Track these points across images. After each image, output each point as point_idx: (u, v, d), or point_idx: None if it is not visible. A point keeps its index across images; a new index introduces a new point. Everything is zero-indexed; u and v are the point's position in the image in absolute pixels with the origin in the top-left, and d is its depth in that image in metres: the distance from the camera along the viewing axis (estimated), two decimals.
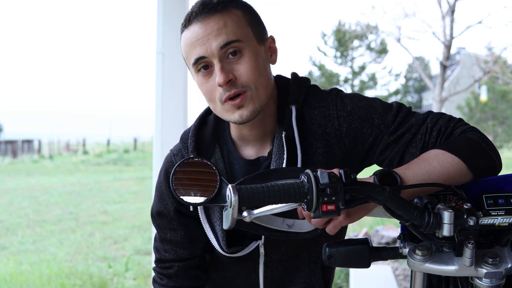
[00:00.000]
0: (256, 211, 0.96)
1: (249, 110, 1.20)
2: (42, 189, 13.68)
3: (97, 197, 12.16)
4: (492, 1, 18.03)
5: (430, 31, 16.66)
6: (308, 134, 1.27)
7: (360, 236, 5.91)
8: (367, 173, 1.13)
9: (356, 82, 36.54)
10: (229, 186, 0.92)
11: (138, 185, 14.28)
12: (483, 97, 26.38)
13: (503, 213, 0.99)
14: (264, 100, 1.23)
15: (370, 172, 1.10)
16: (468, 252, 0.96)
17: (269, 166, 1.28)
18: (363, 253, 1.05)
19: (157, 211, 1.38)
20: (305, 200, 0.92)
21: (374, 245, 1.05)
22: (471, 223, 0.94)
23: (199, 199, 1.01)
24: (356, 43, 35.75)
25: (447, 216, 0.94)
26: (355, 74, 36.46)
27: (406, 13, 16.56)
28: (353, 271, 4.56)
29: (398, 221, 1.00)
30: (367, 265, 1.05)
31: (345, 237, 1.43)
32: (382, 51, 36.63)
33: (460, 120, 1.22)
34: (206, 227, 1.31)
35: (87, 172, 18.90)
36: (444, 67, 15.90)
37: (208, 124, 1.35)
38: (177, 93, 3.11)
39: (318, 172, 0.92)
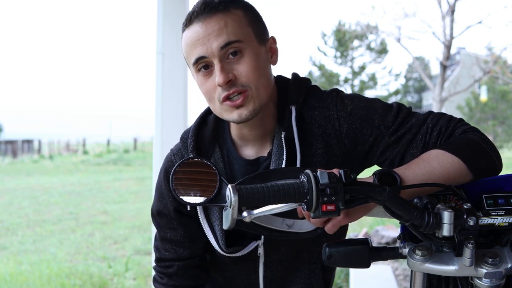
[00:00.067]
0: (256, 211, 0.96)
1: (249, 110, 1.20)
2: (42, 189, 13.68)
3: (97, 197, 12.16)
4: (492, 1, 18.03)
5: (430, 31, 16.67)
6: (308, 135, 1.27)
7: (360, 236, 5.91)
8: (368, 174, 1.13)
9: (356, 82, 36.54)
10: (229, 186, 0.92)
11: (138, 185, 14.28)
12: (483, 97, 26.37)
13: (503, 213, 0.99)
14: (264, 100, 1.23)
15: (371, 173, 1.10)
16: (468, 252, 0.96)
17: (269, 166, 1.28)
18: (363, 253, 1.05)
19: (157, 210, 1.38)
20: (305, 200, 0.92)
21: (374, 245, 1.05)
22: (471, 223, 0.94)
23: (199, 199, 1.01)
24: (356, 43, 35.75)
25: (447, 216, 0.94)
26: (355, 74, 36.45)
27: (406, 13, 16.57)
28: (353, 271, 4.56)
29: (398, 221, 1.00)
30: (367, 265, 1.05)
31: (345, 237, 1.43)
32: (382, 51, 36.63)
33: (461, 120, 1.22)
34: (205, 227, 1.31)
35: (87, 172, 18.90)
36: (444, 67, 15.89)
37: (208, 124, 1.35)
38: (177, 93, 3.11)
39: (318, 172, 0.92)
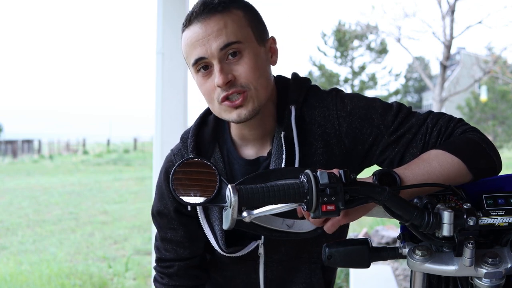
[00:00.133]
0: (256, 211, 0.96)
1: (248, 110, 1.20)
2: (42, 189, 13.68)
3: (97, 197, 12.16)
4: (492, 1, 18.02)
5: (430, 31, 16.65)
6: (308, 134, 1.27)
7: (360, 236, 5.91)
8: (368, 173, 1.13)
9: (356, 82, 36.53)
10: (229, 186, 0.92)
11: (138, 185, 14.27)
12: (483, 97, 26.36)
13: (503, 213, 0.99)
14: (264, 101, 1.23)
15: (371, 173, 1.10)
16: (468, 252, 0.96)
17: (269, 166, 1.28)
18: (363, 253, 1.05)
19: (157, 211, 1.38)
20: (305, 200, 0.92)
21: (374, 245, 1.05)
22: (471, 223, 0.94)
23: (199, 199, 1.01)
24: (356, 43, 35.74)
25: (447, 216, 0.94)
26: (355, 74, 36.45)
27: (406, 13, 16.55)
28: (353, 271, 4.56)
29: (398, 221, 1.00)
30: (367, 265, 1.05)
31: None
32: (382, 51, 36.62)
33: (461, 120, 1.22)
34: (205, 227, 1.31)
35: (87, 172, 18.89)
36: (444, 67, 15.89)
37: (208, 124, 1.35)
38: (177, 93, 3.11)
39: (318, 172, 0.92)
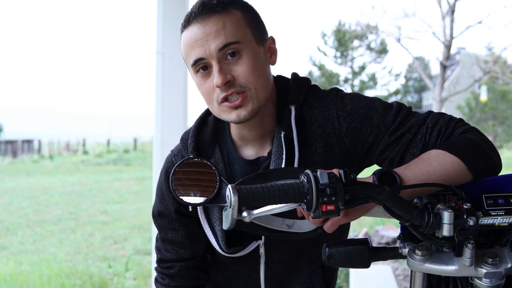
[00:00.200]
0: (256, 211, 0.96)
1: (247, 110, 1.20)
2: (42, 189, 13.68)
3: (97, 197, 12.16)
4: (492, 1, 18.02)
5: (430, 31, 16.64)
6: (308, 134, 1.27)
7: (360, 236, 5.91)
8: (368, 173, 1.13)
9: (356, 82, 36.52)
10: (229, 186, 0.92)
11: (138, 185, 14.28)
12: (483, 97, 26.36)
13: (503, 213, 0.99)
14: (263, 101, 1.23)
15: (371, 172, 1.10)
16: (468, 252, 0.96)
17: (269, 166, 1.28)
18: (363, 253, 1.05)
19: (158, 212, 1.38)
20: (305, 200, 0.92)
21: (374, 245, 1.05)
22: (471, 223, 0.94)
23: (199, 199, 1.01)
24: (356, 43, 35.73)
25: (447, 216, 0.94)
26: (355, 74, 36.44)
27: (406, 13, 16.55)
28: (353, 271, 4.56)
29: (398, 221, 1.00)
30: (367, 265, 1.05)
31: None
32: (382, 51, 36.61)
33: (461, 120, 1.22)
34: (206, 227, 1.31)
35: (87, 172, 18.89)
36: (444, 67, 15.88)
37: (208, 125, 1.35)
38: (177, 93, 3.11)
39: (318, 172, 0.92)
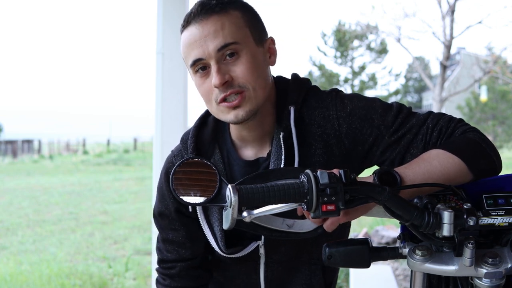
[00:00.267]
0: (256, 211, 0.96)
1: (245, 111, 1.19)
2: (42, 189, 13.68)
3: (97, 197, 12.16)
4: (492, 1, 18.03)
5: (430, 31, 16.66)
6: (307, 135, 1.26)
7: (360, 236, 5.91)
8: (369, 173, 1.13)
9: (356, 82, 36.52)
10: (229, 186, 0.92)
11: (138, 185, 14.27)
12: (483, 97, 26.36)
13: (503, 213, 0.99)
14: (261, 101, 1.22)
15: (372, 173, 1.10)
16: (468, 252, 0.96)
17: (268, 167, 1.28)
18: (363, 253, 1.05)
19: (159, 212, 1.38)
20: (305, 200, 0.92)
21: (374, 245, 1.05)
22: (471, 223, 0.94)
23: (199, 199, 1.01)
24: (356, 43, 35.73)
25: (447, 216, 0.94)
26: (355, 74, 36.43)
27: (406, 13, 16.56)
28: (353, 271, 4.56)
29: (398, 221, 1.00)
30: (367, 265, 1.05)
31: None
32: (382, 51, 36.60)
33: (461, 121, 1.22)
34: (205, 228, 1.31)
35: (87, 172, 18.89)
36: (444, 67, 15.89)
37: (208, 125, 1.35)
38: (177, 93, 3.11)
39: (318, 172, 0.92)
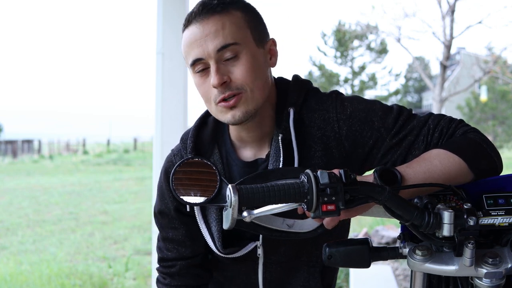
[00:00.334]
0: (256, 211, 0.96)
1: (242, 112, 1.19)
2: (42, 189, 13.68)
3: (97, 197, 12.15)
4: (492, 1, 18.05)
5: (430, 31, 16.69)
6: (307, 137, 1.26)
7: (360, 236, 5.91)
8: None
9: (356, 82, 36.50)
10: (229, 186, 0.92)
11: (138, 185, 14.27)
12: (483, 97, 26.37)
13: (503, 213, 0.99)
14: (260, 103, 1.22)
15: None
16: (468, 252, 0.96)
17: (267, 168, 1.28)
18: (363, 253, 1.05)
19: (159, 210, 1.39)
20: (305, 200, 0.92)
21: (374, 245, 1.05)
22: (471, 223, 0.94)
23: (199, 199, 1.01)
24: (356, 43, 35.70)
25: (447, 216, 0.94)
26: (355, 74, 36.41)
27: (406, 13, 16.58)
28: (353, 271, 4.56)
29: (398, 221, 1.00)
30: (367, 265, 1.05)
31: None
32: (382, 51, 36.58)
33: (461, 121, 1.22)
34: (202, 227, 1.30)
35: (87, 172, 18.89)
36: (444, 67, 15.90)
37: (208, 125, 1.35)
38: (177, 93, 3.11)
39: (318, 172, 0.92)
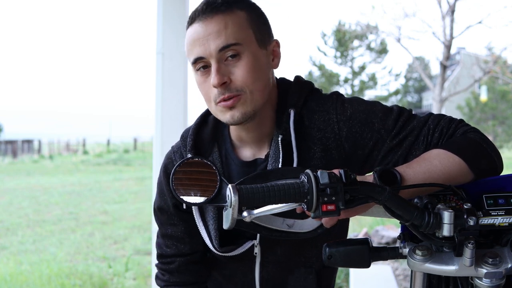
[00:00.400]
0: (256, 211, 0.96)
1: (241, 112, 1.19)
2: (42, 189, 13.67)
3: (97, 197, 12.15)
4: (492, 1, 18.05)
5: (430, 31, 16.70)
6: (307, 138, 1.26)
7: (360, 236, 5.91)
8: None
9: (356, 82, 36.48)
10: (229, 186, 0.92)
11: (138, 185, 14.27)
12: (483, 97, 26.37)
13: (503, 213, 0.99)
14: (260, 104, 1.22)
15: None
16: (468, 252, 0.96)
17: (266, 169, 1.28)
18: (363, 253, 1.05)
19: (158, 207, 1.39)
20: (305, 200, 0.92)
21: (374, 245, 1.05)
22: (471, 223, 0.94)
23: (199, 199, 1.01)
24: (356, 43, 35.68)
25: (447, 216, 0.94)
26: (355, 74, 36.40)
27: (406, 13, 16.59)
28: (353, 271, 4.56)
29: (398, 221, 1.00)
30: (367, 265, 1.05)
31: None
32: (382, 51, 36.56)
33: (461, 121, 1.22)
34: (200, 226, 1.31)
35: (87, 172, 18.89)
36: (444, 67, 15.90)
37: (209, 124, 1.35)
38: (177, 93, 3.10)
39: (318, 172, 0.92)
